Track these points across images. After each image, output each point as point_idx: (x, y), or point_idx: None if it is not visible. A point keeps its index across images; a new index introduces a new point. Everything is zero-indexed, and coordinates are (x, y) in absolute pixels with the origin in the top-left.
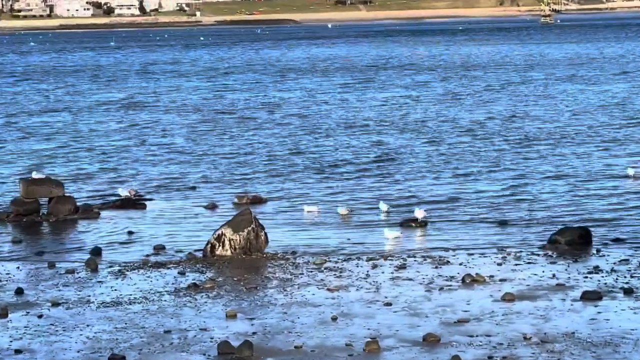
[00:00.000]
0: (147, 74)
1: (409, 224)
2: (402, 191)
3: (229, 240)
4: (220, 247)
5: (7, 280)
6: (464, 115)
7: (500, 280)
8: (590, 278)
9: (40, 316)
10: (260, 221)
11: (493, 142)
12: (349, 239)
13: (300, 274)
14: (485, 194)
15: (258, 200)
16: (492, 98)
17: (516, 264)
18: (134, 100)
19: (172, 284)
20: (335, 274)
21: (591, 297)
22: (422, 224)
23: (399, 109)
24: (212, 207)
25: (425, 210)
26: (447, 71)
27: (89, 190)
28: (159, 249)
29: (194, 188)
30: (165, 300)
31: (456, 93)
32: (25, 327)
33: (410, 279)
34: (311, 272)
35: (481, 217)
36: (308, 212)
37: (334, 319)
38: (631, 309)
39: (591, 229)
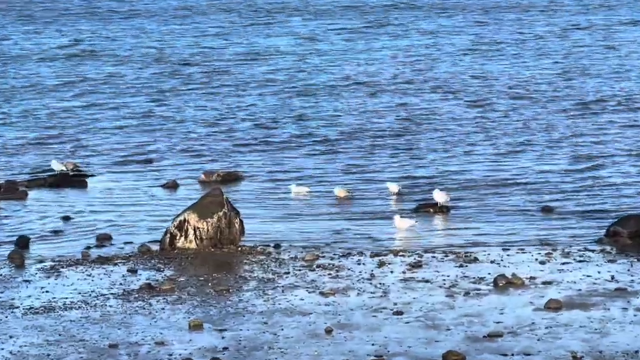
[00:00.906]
0: (94, 14)
1: (426, 210)
2: (420, 168)
3: (194, 229)
4: (183, 238)
5: None
6: (505, 71)
7: (544, 283)
8: None
9: None
10: (235, 205)
11: (543, 107)
12: (348, 229)
13: (286, 273)
14: (526, 173)
15: (232, 178)
16: (543, 48)
17: (564, 263)
18: (77, 48)
19: (120, 284)
20: (330, 274)
21: None
22: (444, 210)
23: (420, 63)
24: (172, 185)
25: (447, 193)
26: (485, 13)
27: (14, 164)
28: (104, 239)
29: (149, 161)
30: (110, 306)
31: (495, 42)
32: None
33: (427, 281)
34: (299, 270)
35: (520, 202)
36: (296, 193)
37: (329, 331)
38: None
39: None
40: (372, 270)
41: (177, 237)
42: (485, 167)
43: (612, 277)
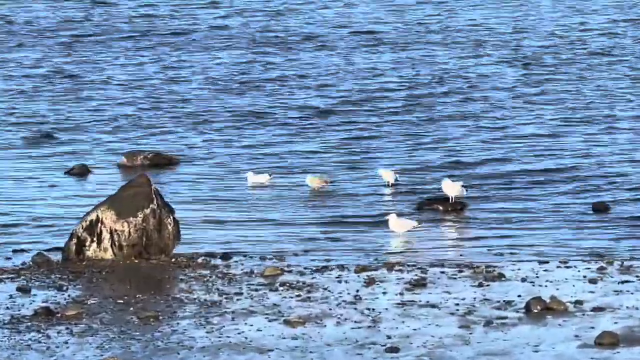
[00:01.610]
0: None
1: (433, 207)
2: (426, 150)
3: (110, 233)
4: (95, 245)
5: None
6: (545, 24)
7: (594, 309)
8: None
9: None
10: (167, 199)
11: (606, 71)
12: (325, 233)
13: (237, 293)
14: (574, 161)
15: (164, 162)
16: None
17: (623, 281)
18: None
19: (7, 308)
20: (299, 295)
21: None
22: (457, 207)
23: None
24: (81, 171)
25: (462, 185)
26: None
27: None
28: None
29: (49, 136)
30: None
31: None
32: None
33: (433, 306)
34: (256, 290)
35: (564, 198)
36: (254, 183)
37: None
38: None
39: None
40: (357, 291)
41: (87, 244)
42: (517, 151)
43: None
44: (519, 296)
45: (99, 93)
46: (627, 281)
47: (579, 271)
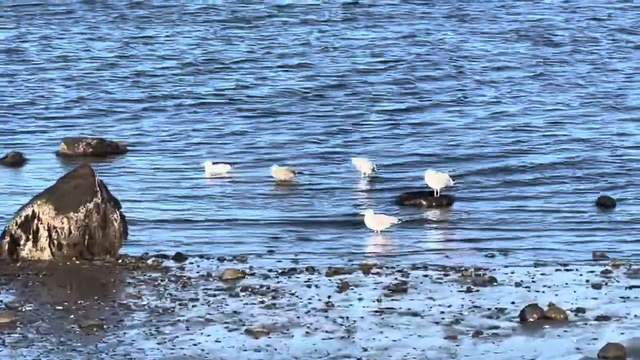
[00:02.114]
0: None
1: (415, 202)
2: (408, 136)
3: (48, 230)
4: (30, 244)
5: None
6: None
7: (598, 318)
8: None
9: None
10: (113, 192)
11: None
12: (292, 231)
13: (193, 299)
14: (578, 150)
15: (109, 150)
16: None
17: (631, 286)
18: None
19: None
20: (262, 302)
21: None
22: (443, 202)
23: None
24: (15, 160)
25: (449, 176)
26: None
27: None
28: None
29: None
30: None
31: None
32: None
33: (415, 314)
34: (214, 296)
35: (566, 192)
36: (212, 174)
37: None
38: None
39: None
40: (329, 297)
41: (22, 242)
42: (512, 142)
43: None
44: (513, 303)
45: (36, 72)
46: (635, 286)
47: (580, 275)
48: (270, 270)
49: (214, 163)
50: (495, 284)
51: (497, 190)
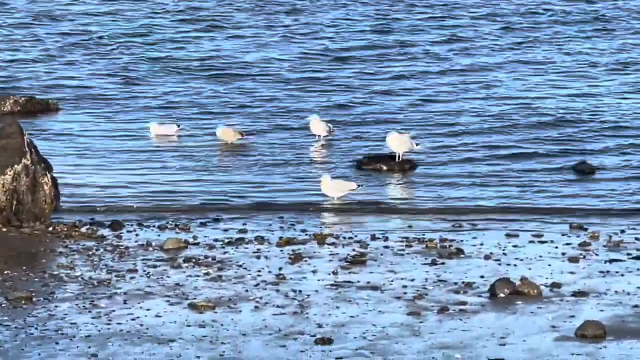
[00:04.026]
0: None
1: (375, 166)
2: (368, 98)
3: None
4: None
5: None
6: None
7: (575, 293)
8: None
9: None
10: (44, 153)
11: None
12: (240, 196)
13: (131, 270)
14: (553, 108)
15: (39, 108)
16: None
17: (611, 260)
18: None
19: None
20: (207, 273)
21: None
22: (405, 166)
23: None
24: None
25: (412, 137)
26: None
27: None
28: None
29: None
30: None
31: None
32: None
33: (374, 288)
34: (154, 267)
35: (537, 158)
36: (159, 136)
37: None
38: None
39: None
40: (280, 269)
41: None
42: (482, 99)
43: None
44: (482, 277)
45: None
46: (616, 260)
47: (556, 247)
48: (215, 240)
49: (159, 124)
50: (462, 256)
51: (463, 150)
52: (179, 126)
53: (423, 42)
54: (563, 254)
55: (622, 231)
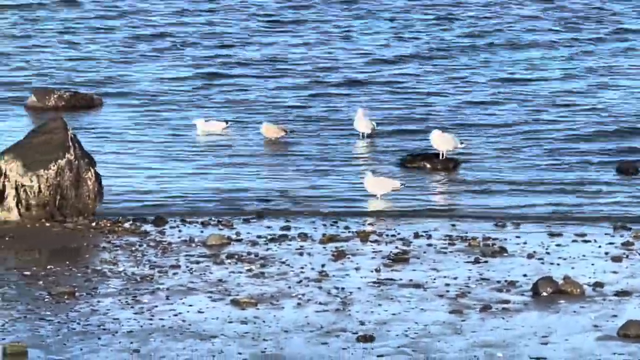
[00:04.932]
0: None
1: (419, 164)
2: (413, 99)
3: (16, 189)
4: None
5: None
6: None
7: (618, 293)
8: None
9: None
10: (88, 148)
11: None
12: (283, 193)
13: (174, 266)
14: (592, 117)
15: (83, 103)
16: None
17: None
18: None
19: None
20: (250, 270)
21: None
22: (449, 165)
23: None
24: None
25: (455, 137)
26: None
27: None
28: None
29: None
30: None
31: None
32: None
33: (417, 286)
34: (198, 263)
35: (581, 157)
36: (204, 132)
37: None
38: None
39: None
40: (323, 266)
41: None
42: (526, 102)
43: None
44: (525, 276)
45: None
46: None
47: (599, 247)
48: (258, 237)
49: (206, 120)
50: (505, 254)
51: (507, 150)
52: (227, 123)
53: (479, 46)
54: (606, 253)
55: None
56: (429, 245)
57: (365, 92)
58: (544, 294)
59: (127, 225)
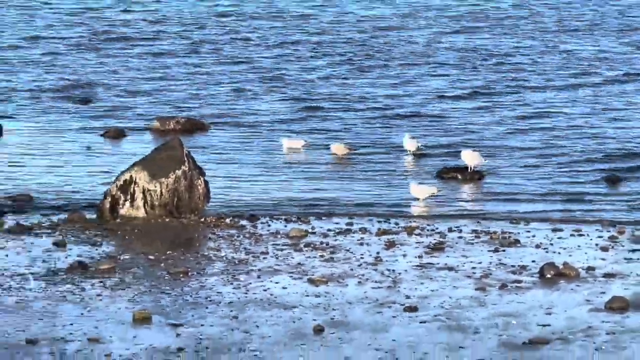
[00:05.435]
0: None
1: (452, 175)
2: (446, 118)
3: (143, 192)
4: (128, 203)
5: None
6: None
7: (605, 275)
8: None
9: None
10: (199, 162)
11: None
12: (348, 198)
13: (264, 253)
14: (587, 128)
15: (196, 127)
16: None
17: (634, 250)
18: None
19: (43, 262)
20: (322, 256)
21: None
22: (476, 176)
23: None
24: (115, 134)
25: (481, 154)
26: None
27: None
28: (22, 201)
29: (86, 101)
30: (30, 290)
31: None
32: None
33: (451, 269)
34: (282, 250)
35: (578, 167)
36: (289, 149)
37: (319, 330)
38: None
39: None
40: (378, 253)
41: (121, 202)
42: (533, 128)
43: None
44: (533, 261)
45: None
46: (637, 250)
47: (591, 239)
48: (329, 230)
49: (290, 138)
50: (518, 245)
51: (518, 166)
52: (305, 141)
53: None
54: (596, 244)
55: None
56: (460, 237)
57: (414, 122)
58: (548, 275)
59: (227, 221)
